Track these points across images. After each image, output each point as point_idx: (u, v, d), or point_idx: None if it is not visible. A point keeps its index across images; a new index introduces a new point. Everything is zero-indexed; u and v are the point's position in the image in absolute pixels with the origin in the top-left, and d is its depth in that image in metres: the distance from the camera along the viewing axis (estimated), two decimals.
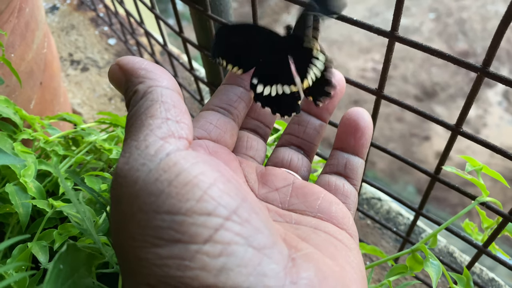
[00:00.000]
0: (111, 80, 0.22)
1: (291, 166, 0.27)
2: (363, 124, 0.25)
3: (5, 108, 0.36)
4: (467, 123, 3.00)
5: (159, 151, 0.18)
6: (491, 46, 0.22)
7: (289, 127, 0.28)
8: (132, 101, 0.21)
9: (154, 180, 0.17)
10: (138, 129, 0.19)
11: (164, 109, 0.20)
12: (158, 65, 0.22)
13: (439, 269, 0.27)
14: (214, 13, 0.35)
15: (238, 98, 0.26)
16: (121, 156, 0.19)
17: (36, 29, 0.42)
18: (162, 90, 0.20)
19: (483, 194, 0.29)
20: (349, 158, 0.26)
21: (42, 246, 0.27)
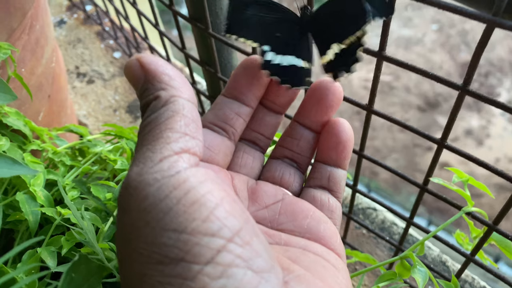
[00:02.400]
0: (127, 74, 0.22)
1: (282, 182, 0.26)
2: (344, 138, 0.25)
3: (16, 120, 0.37)
4: (470, 134, 3.01)
5: (172, 167, 0.18)
6: (470, 66, 0.24)
7: (282, 139, 0.28)
8: (152, 106, 0.20)
9: (164, 196, 0.17)
10: (155, 139, 0.19)
11: (184, 123, 0.20)
12: (179, 71, 0.22)
13: (426, 275, 0.29)
14: (215, 30, 0.37)
15: (235, 115, 0.25)
16: (134, 164, 0.19)
17: (45, 44, 0.44)
18: (184, 102, 0.20)
19: (469, 205, 0.31)
20: (332, 171, 0.26)
21: (50, 251, 0.29)
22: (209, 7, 0.36)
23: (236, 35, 0.24)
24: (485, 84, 4.90)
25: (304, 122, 0.27)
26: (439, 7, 0.22)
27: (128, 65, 0.21)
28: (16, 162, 0.25)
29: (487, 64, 3.84)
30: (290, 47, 0.25)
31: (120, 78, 0.68)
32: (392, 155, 3.21)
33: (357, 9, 0.23)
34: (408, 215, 0.36)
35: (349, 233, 0.47)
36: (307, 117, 0.26)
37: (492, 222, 0.30)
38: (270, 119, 0.27)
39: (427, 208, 2.63)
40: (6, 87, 0.31)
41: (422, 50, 3.81)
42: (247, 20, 0.25)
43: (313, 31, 0.26)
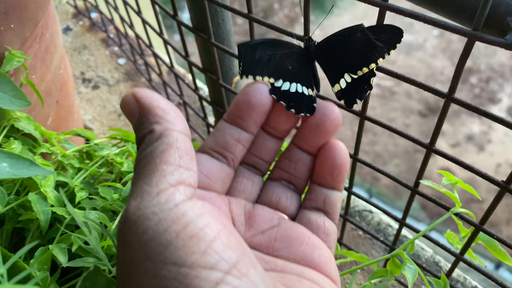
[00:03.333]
0: (123, 108, 0.22)
1: (279, 205, 0.27)
2: (339, 162, 0.25)
3: (26, 125, 0.39)
4: (471, 139, 3.02)
5: (169, 200, 0.19)
6: (454, 76, 0.26)
7: (280, 161, 0.28)
8: (147, 139, 0.21)
9: (163, 230, 0.18)
10: (151, 173, 0.20)
11: (178, 156, 0.20)
12: (173, 105, 0.22)
13: (415, 272, 0.30)
14: (217, 40, 0.39)
15: (235, 142, 0.26)
16: (132, 198, 0.19)
17: (54, 52, 0.46)
18: (177, 135, 0.21)
19: (457, 206, 0.32)
20: (328, 193, 0.26)
21: (61, 248, 0.30)
22: (212, 18, 0.38)
23: (252, 75, 0.26)
24: (486, 90, 4.92)
25: (302, 145, 0.27)
26: (424, 22, 0.24)
27: (124, 100, 0.22)
28: (33, 164, 0.27)
29: (488, 70, 3.85)
30: (297, 76, 0.27)
31: (124, 83, 0.70)
32: (393, 160, 3.22)
33: (369, 45, 0.26)
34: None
35: (345, 235, 0.49)
36: (305, 141, 0.26)
37: (479, 222, 0.32)
38: (270, 144, 0.27)
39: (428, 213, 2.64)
40: (21, 94, 0.33)
41: (423, 55, 3.83)
42: (258, 60, 0.26)
43: (320, 61, 0.28)
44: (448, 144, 4.17)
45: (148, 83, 0.69)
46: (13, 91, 0.32)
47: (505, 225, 4.11)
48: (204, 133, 0.61)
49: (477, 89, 4.54)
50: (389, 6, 0.25)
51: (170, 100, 0.65)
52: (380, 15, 0.26)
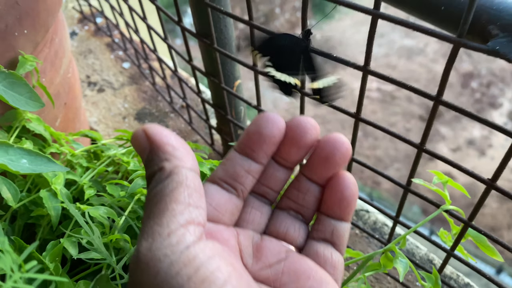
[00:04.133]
0: (134, 144, 0.23)
1: (287, 237, 0.27)
2: (348, 194, 0.25)
3: (37, 126, 0.41)
4: (472, 144, 3.04)
5: (180, 241, 0.19)
6: (442, 80, 0.28)
7: (289, 191, 0.28)
8: (157, 177, 0.22)
9: (175, 273, 0.18)
10: (162, 212, 0.20)
11: (187, 194, 0.21)
12: (182, 140, 0.23)
13: (406, 265, 0.32)
14: (219, 45, 0.41)
15: (246, 173, 0.26)
16: (143, 239, 0.20)
17: (63, 56, 0.48)
18: (186, 172, 0.22)
19: (446, 203, 0.34)
20: (336, 225, 0.26)
21: (72, 241, 0.32)
22: (215, 24, 0.39)
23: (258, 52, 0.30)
24: (487, 94, 4.92)
25: (311, 176, 0.27)
26: (413, 29, 0.26)
27: (135, 135, 0.23)
28: (51, 160, 0.29)
29: (489, 75, 3.86)
30: (287, 65, 0.30)
31: (129, 87, 0.72)
32: (394, 164, 3.23)
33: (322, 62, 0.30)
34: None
35: None
36: (314, 172, 0.26)
37: (468, 219, 0.33)
38: (280, 174, 0.27)
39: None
40: (36, 96, 0.35)
41: (424, 60, 3.85)
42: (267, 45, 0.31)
43: (304, 59, 0.31)
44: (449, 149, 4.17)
45: (152, 86, 0.71)
46: (28, 93, 0.34)
47: (506, 229, 4.10)
48: (206, 135, 0.62)
49: (477, 93, 4.55)
50: (381, 14, 0.27)
51: (174, 103, 0.67)
52: (373, 23, 0.28)
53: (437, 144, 4.63)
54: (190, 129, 0.65)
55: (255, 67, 0.37)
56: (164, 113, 0.67)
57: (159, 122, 0.66)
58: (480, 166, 4.43)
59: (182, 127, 0.65)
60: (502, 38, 0.24)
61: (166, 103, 0.68)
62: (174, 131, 0.65)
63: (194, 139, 0.63)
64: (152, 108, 0.68)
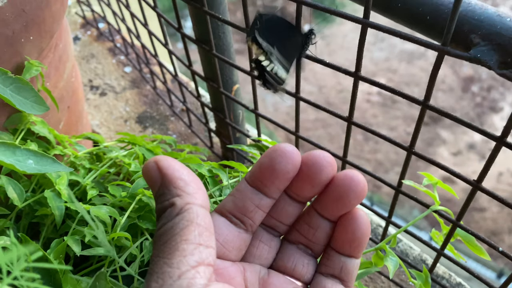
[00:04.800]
0: (145, 175, 0.23)
1: (294, 273, 0.26)
2: (359, 235, 0.25)
3: (41, 128, 0.42)
4: (473, 148, 3.05)
5: (191, 285, 0.19)
6: (428, 86, 0.29)
7: (299, 225, 0.27)
8: (167, 213, 0.22)
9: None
10: (172, 252, 0.20)
11: (198, 233, 0.21)
12: (194, 175, 0.23)
13: (396, 263, 0.33)
14: (218, 51, 0.42)
15: (256, 208, 0.25)
16: (153, 279, 0.20)
17: (67, 61, 0.50)
18: (197, 209, 0.22)
19: (436, 204, 0.35)
20: (345, 261, 0.26)
21: (75, 239, 0.33)
22: (213, 31, 0.41)
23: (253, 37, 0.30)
24: (487, 99, 4.92)
25: (323, 213, 0.26)
26: (400, 37, 0.28)
27: (146, 167, 0.23)
28: (56, 161, 0.30)
29: (489, 79, 3.87)
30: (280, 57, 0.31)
31: (130, 91, 0.73)
32: (394, 168, 3.24)
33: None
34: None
35: None
36: (326, 209, 0.25)
37: (456, 219, 0.35)
38: (291, 209, 0.26)
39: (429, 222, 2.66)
40: (41, 100, 0.36)
41: (424, 64, 3.86)
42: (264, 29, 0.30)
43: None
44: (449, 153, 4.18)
45: (153, 90, 0.73)
46: (34, 97, 0.36)
47: (507, 234, 4.10)
48: (205, 138, 0.64)
49: (478, 98, 4.56)
50: (370, 23, 0.28)
51: (174, 107, 0.68)
52: (362, 32, 0.29)
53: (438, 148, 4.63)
54: (190, 132, 0.66)
55: (252, 72, 0.39)
56: (165, 117, 0.69)
57: (159, 125, 0.68)
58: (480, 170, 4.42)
59: (182, 130, 0.67)
60: (483, 47, 0.25)
61: (167, 106, 0.70)
62: (174, 134, 0.66)
63: (194, 141, 0.65)
64: (153, 111, 0.70)
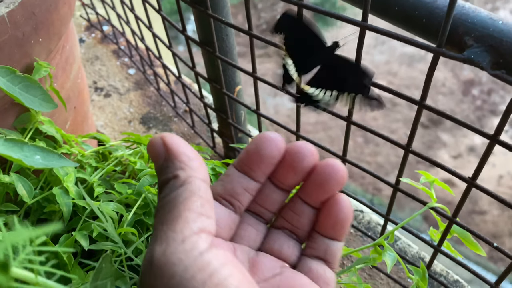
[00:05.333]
0: (150, 150, 0.24)
1: (281, 254, 0.28)
2: (342, 217, 0.26)
3: (49, 128, 0.44)
4: (473, 151, 3.05)
5: (194, 248, 0.20)
6: (425, 86, 0.30)
7: (284, 212, 0.28)
8: (171, 185, 0.22)
9: (190, 277, 0.19)
10: (175, 219, 0.21)
11: (200, 204, 0.22)
12: (197, 152, 0.24)
13: (394, 258, 0.34)
14: (221, 53, 0.44)
15: (243, 190, 0.27)
16: (157, 244, 0.21)
17: (73, 62, 0.51)
18: (200, 183, 0.23)
19: (432, 201, 0.36)
20: (330, 244, 0.27)
21: (83, 234, 0.35)
22: (217, 33, 0.42)
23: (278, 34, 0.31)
24: (488, 102, 4.92)
25: (306, 199, 0.27)
26: (397, 39, 0.29)
27: (152, 141, 0.24)
28: (62, 157, 0.31)
29: (489, 82, 3.88)
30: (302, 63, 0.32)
31: (134, 92, 0.75)
32: (395, 171, 3.24)
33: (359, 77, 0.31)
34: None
35: None
36: (310, 196, 0.27)
37: (452, 216, 0.36)
38: (276, 196, 0.28)
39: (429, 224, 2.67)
40: (49, 98, 0.37)
41: (425, 67, 3.86)
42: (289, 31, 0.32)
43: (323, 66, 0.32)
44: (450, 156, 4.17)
45: (156, 92, 0.74)
46: (42, 95, 0.37)
47: (507, 237, 4.09)
48: (208, 138, 0.65)
49: (478, 101, 4.56)
50: (368, 26, 0.30)
51: (177, 108, 0.70)
52: (361, 34, 0.30)
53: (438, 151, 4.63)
54: (193, 133, 0.67)
55: (254, 73, 0.40)
56: (168, 117, 0.70)
57: (163, 126, 0.69)
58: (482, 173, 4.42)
59: (185, 131, 0.68)
60: (476, 48, 0.26)
61: (170, 107, 0.71)
62: (178, 134, 0.67)
63: (196, 142, 0.66)
64: (156, 112, 0.71)
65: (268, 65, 3.08)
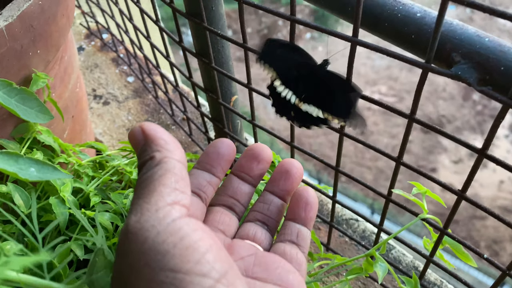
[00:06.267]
0: (131, 138, 0.25)
1: (255, 239, 0.30)
2: (311, 200, 0.31)
3: (46, 137, 0.44)
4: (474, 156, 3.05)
5: (167, 216, 0.21)
6: (414, 100, 0.30)
7: (255, 205, 0.32)
8: (147, 165, 0.24)
9: (162, 241, 0.20)
10: (150, 193, 0.22)
11: (174, 180, 0.23)
12: (174, 138, 0.26)
13: (386, 269, 0.35)
14: (217, 64, 0.44)
15: (207, 183, 0.30)
16: (132, 214, 0.22)
17: (72, 72, 0.51)
18: (175, 162, 0.24)
19: (424, 212, 0.37)
20: (300, 228, 0.30)
21: (78, 244, 0.35)
22: (213, 45, 0.43)
23: (264, 63, 0.32)
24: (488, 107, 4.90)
25: (273, 190, 0.32)
26: (387, 55, 0.29)
27: (132, 131, 0.25)
28: (56, 169, 0.32)
29: None
30: (293, 84, 0.33)
31: (133, 100, 0.75)
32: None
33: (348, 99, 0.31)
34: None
35: (333, 241, 0.53)
36: (276, 187, 0.32)
37: (443, 227, 0.36)
38: (244, 188, 0.32)
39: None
40: (45, 109, 0.38)
41: None
42: (275, 56, 0.32)
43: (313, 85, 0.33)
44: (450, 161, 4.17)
45: (155, 100, 0.74)
46: (38, 106, 0.37)
47: (508, 242, 4.08)
48: (205, 146, 0.65)
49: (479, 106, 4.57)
50: (359, 41, 0.30)
51: (175, 116, 0.70)
52: (352, 50, 0.31)
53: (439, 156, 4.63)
54: (190, 141, 0.68)
55: (249, 85, 0.40)
56: (166, 125, 0.71)
57: None
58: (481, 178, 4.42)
59: (183, 139, 0.68)
60: (463, 65, 0.27)
61: (168, 115, 0.72)
62: None
63: (194, 150, 0.66)
64: (154, 120, 0.71)
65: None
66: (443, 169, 4.22)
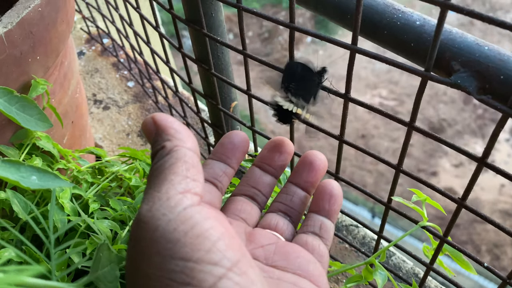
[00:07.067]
0: (144, 129, 0.26)
1: (277, 229, 0.30)
2: (336, 192, 0.31)
3: (46, 143, 0.44)
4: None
5: (178, 204, 0.21)
6: (414, 108, 0.30)
7: (278, 196, 0.32)
8: (159, 154, 0.24)
9: (172, 229, 0.20)
10: (161, 182, 0.22)
11: (185, 168, 0.23)
12: (185, 126, 0.26)
13: (385, 277, 0.35)
14: (216, 70, 0.44)
15: (223, 173, 0.30)
16: (144, 203, 0.22)
17: (71, 78, 0.51)
18: (186, 151, 0.24)
19: (424, 220, 0.37)
20: (324, 221, 0.30)
21: (77, 252, 0.35)
22: (212, 52, 0.43)
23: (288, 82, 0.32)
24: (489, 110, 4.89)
25: (296, 182, 0.32)
26: (386, 63, 0.29)
27: (144, 122, 0.26)
28: (57, 177, 0.31)
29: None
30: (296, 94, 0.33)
31: (133, 105, 0.75)
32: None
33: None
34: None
35: (333, 247, 0.53)
36: (299, 178, 0.32)
37: (443, 235, 0.36)
38: (266, 178, 0.32)
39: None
40: (45, 117, 0.38)
41: None
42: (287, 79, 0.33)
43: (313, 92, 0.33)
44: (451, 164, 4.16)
45: (155, 105, 0.74)
46: (38, 114, 0.37)
47: (509, 246, 4.06)
48: (204, 152, 0.65)
49: (480, 109, 4.56)
50: (358, 49, 0.30)
51: None
52: (351, 57, 0.31)
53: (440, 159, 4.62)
54: None
55: (249, 91, 0.40)
56: None
57: None
58: (482, 182, 4.41)
59: None
60: (463, 73, 0.27)
61: None
62: None
63: None
64: None
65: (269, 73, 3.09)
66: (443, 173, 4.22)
